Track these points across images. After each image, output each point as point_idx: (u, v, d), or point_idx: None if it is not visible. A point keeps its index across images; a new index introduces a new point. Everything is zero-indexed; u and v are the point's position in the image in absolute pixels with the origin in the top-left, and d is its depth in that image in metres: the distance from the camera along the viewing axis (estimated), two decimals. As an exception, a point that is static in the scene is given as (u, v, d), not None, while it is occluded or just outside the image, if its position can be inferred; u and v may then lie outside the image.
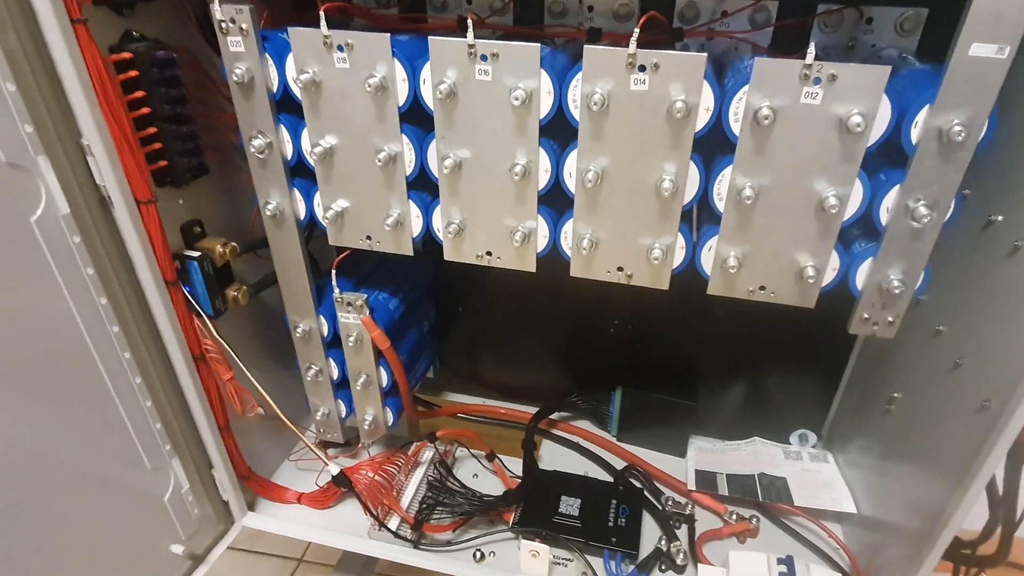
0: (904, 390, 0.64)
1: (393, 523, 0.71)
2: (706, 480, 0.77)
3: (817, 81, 0.44)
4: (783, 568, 0.63)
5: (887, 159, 0.47)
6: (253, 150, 0.56)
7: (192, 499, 0.68)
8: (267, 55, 0.53)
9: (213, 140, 0.61)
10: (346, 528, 0.74)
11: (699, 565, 0.67)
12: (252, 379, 0.65)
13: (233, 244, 0.62)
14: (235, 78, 0.53)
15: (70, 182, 0.49)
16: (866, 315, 0.52)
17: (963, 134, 0.42)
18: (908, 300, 0.50)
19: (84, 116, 0.48)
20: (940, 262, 0.50)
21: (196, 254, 0.59)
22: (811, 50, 0.43)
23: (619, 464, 0.82)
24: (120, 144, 0.50)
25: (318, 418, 0.75)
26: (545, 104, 0.49)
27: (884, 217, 0.48)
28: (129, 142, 0.50)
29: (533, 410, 0.87)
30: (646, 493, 0.76)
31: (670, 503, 0.75)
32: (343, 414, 0.75)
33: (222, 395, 0.65)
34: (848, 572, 0.68)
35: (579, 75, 0.48)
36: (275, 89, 0.54)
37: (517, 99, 0.48)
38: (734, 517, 0.73)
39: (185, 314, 0.60)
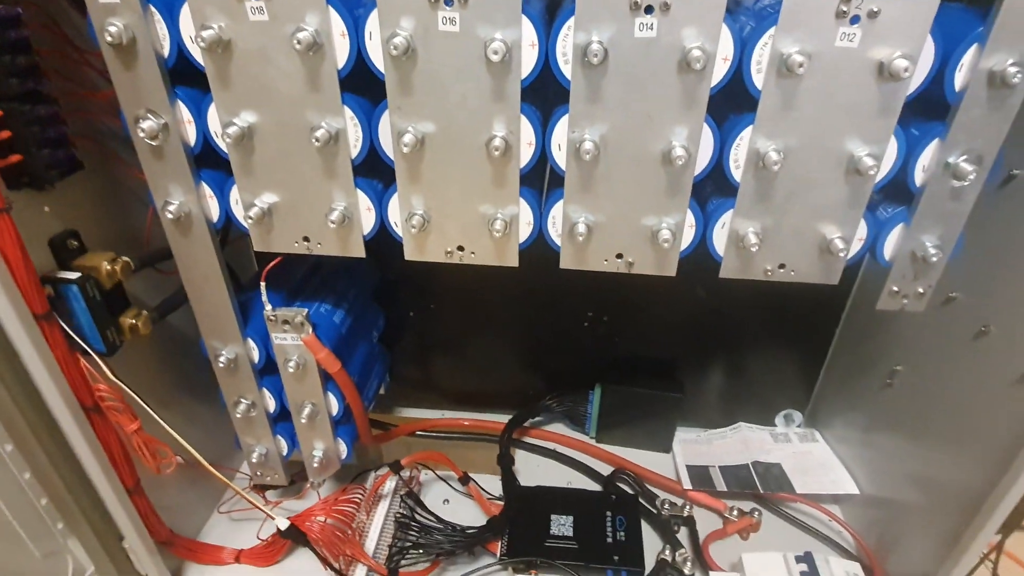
0: (908, 363, 0.60)
1: (359, 574, 0.59)
2: (700, 476, 0.71)
3: (855, 20, 0.37)
4: (804, 567, 0.58)
5: (918, 110, 0.41)
6: (142, 135, 0.43)
7: (101, 583, 0.53)
8: (150, 6, 0.39)
9: (85, 127, 0.47)
10: (300, 586, 0.62)
11: (710, 573, 0.61)
12: (167, 426, 0.51)
13: (125, 259, 0.48)
14: (109, 38, 0.39)
15: None
16: (896, 288, 0.46)
17: (1020, 74, 0.37)
18: (942, 268, 0.45)
19: None
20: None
21: (74, 276, 0.45)
22: (852, -19, 0.36)
23: (602, 468, 0.74)
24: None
25: (254, 460, 0.62)
26: (528, 60, 0.40)
27: (920, 177, 0.42)
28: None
29: (502, 419, 0.78)
30: (640, 499, 0.69)
31: (666, 506, 0.68)
32: (284, 451, 0.63)
33: (126, 449, 0.52)
34: (856, 555, 0.64)
35: (571, 21, 0.38)
36: (167, 52, 0.41)
37: (495, 52, 0.38)
38: (735, 513, 0.68)
39: (66, 354, 0.45)
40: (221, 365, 0.55)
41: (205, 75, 0.42)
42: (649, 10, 0.37)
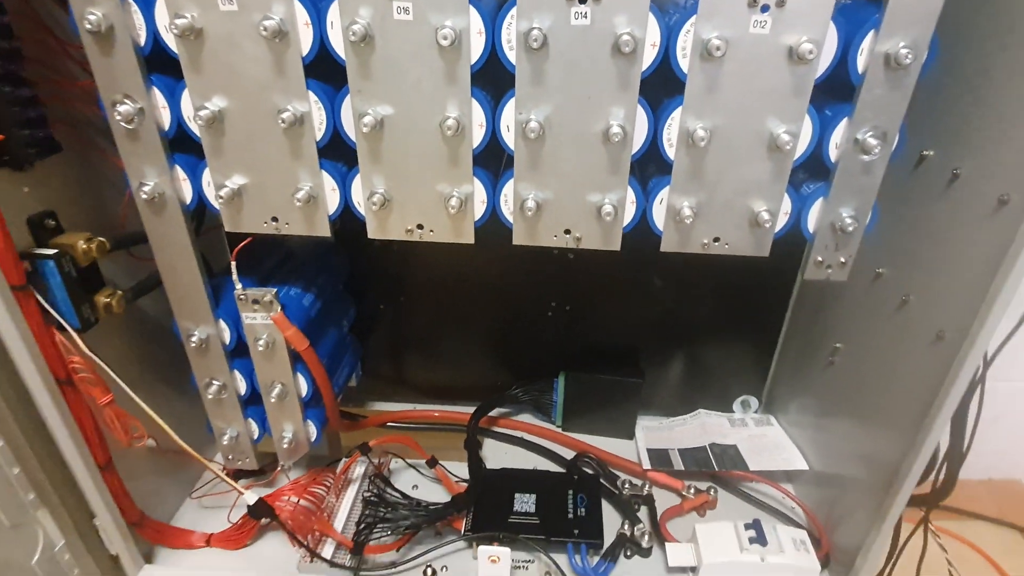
0: (846, 340, 0.64)
1: (327, 551, 0.61)
2: (660, 458, 0.74)
3: (766, 8, 0.41)
4: (751, 533, 0.61)
5: (831, 94, 0.46)
6: (119, 119, 0.46)
7: (69, 557, 0.55)
8: (129, -2, 0.43)
9: (64, 113, 0.50)
10: (270, 567, 0.63)
11: (666, 544, 0.63)
12: (139, 400, 0.53)
13: (100, 239, 0.51)
14: (88, 26, 0.42)
15: None
16: (820, 258, 0.50)
17: (910, 56, 0.41)
18: (860, 238, 0.49)
19: None
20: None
21: (51, 252, 0.48)
22: (759, -28, 0.40)
23: (568, 455, 0.77)
24: (-71, 106, 0.38)
25: (225, 443, 0.63)
26: (476, 46, 0.44)
27: (834, 153, 0.46)
28: (-58, 104, 0.39)
29: (470, 410, 0.80)
30: (602, 479, 0.71)
31: (627, 486, 0.71)
32: (255, 435, 0.65)
33: (98, 425, 0.53)
34: (808, 529, 0.67)
35: (513, 10, 0.42)
36: (143, 41, 0.44)
37: (445, 38, 0.42)
38: (692, 491, 0.71)
39: (41, 327, 0.48)
40: (193, 345, 0.57)
41: (178, 62, 0.45)
42: (582, 0, 0.42)
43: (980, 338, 0.45)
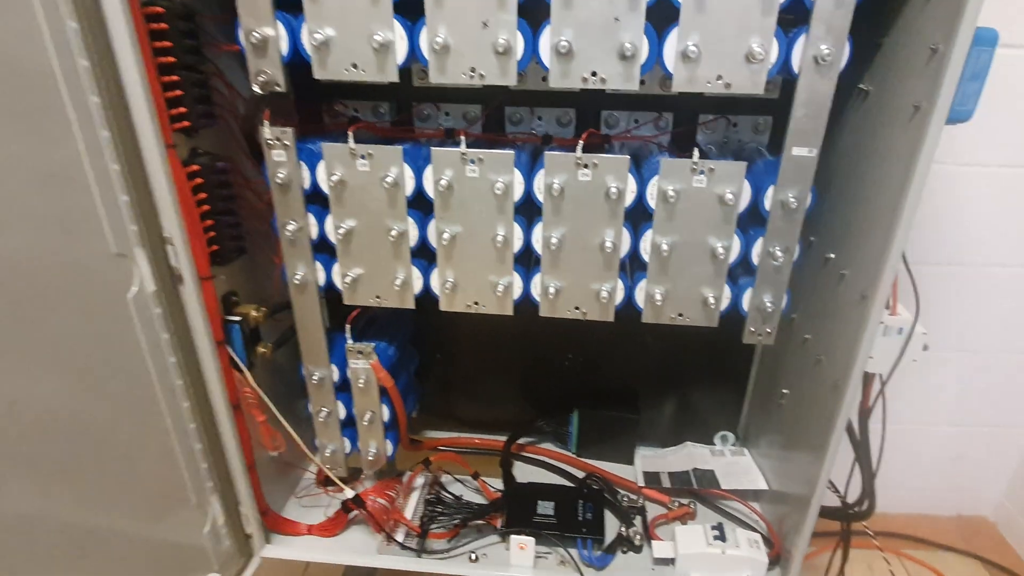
0: (789, 386, 0.86)
1: (399, 536, 0.83)
2: (652, 478, 0.95)
3: (702, 172, 0.65)
4: (716, 532, 0.81)
5: (753, 220, 0.69)
6: (287, 234, 0.71)
7: (225, 532, 0.78)
8: (302, 162, 0.69)
9: (248, 229, 0.76)
10: (356, 550, 0.85)
11: (652, 542, 0.84)
12: (282, 420, 0.77)
13: (264, 308, 0.76)
14: (278, 181, 0.68)
15: (155, 265, 0.62)
16: (752, 328, 0.73)
17: (795, 203, 0.65)
18: (778, 316, 0.71)
19: (168, 215, 0.62)
20: (804, 290, 0.72)
21: (237, 318, 0.73)
22: (696, 154, 0.64)
23: (580, 474, 0.98)
24: (192, 234, 0.64)
25: (327, 455, 0.87)
26: (518, 192, 0.68)
27: (756, 259, 0.69)
28: (198, 233, 0.65)
29: (504, 438, 1.03)
30: (605, 493, 0.92)
31: (625, 499, 0.92)
32: (347, 450, 0.88)
33: (250, 437, 0.77)
34: (765, 535, 0.87)
35: (542, 172, 0.67)
36: (307, 187, 0.70)
37: (498, 190, 0.67)
38: (676, 504, 0.91)
39: (228, 369, 0.72)
40: (314, 382, 0.81)
41: (326, 198, 0.70)
42: (586, 166, 0.66)
43: (852, 385, 0.67)
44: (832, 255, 0.73)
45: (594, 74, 0.61)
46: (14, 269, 0.49)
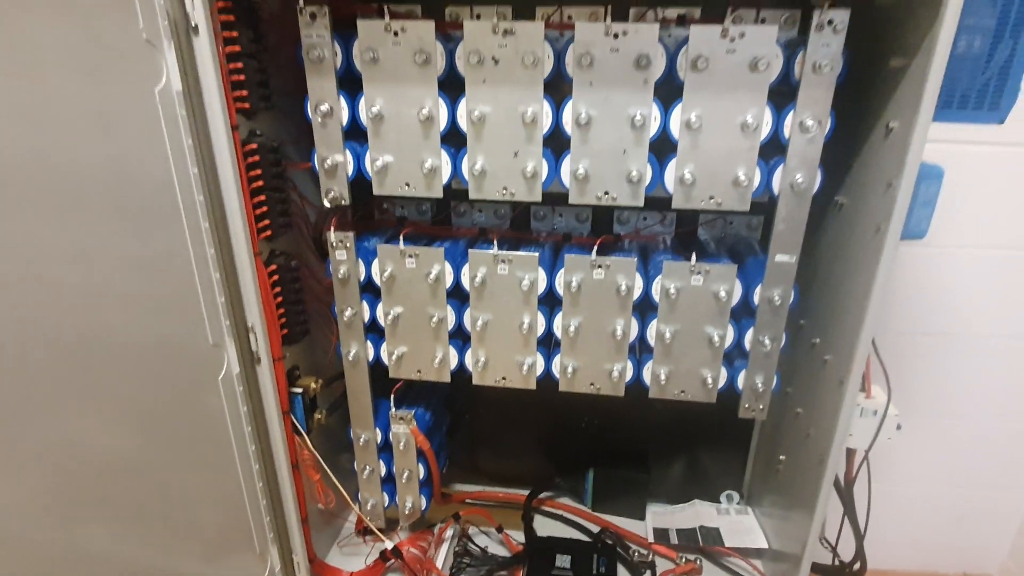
0: (786, 453, 0.95)
1: (433, 585, 0.93)
2: (662, 534, 1.04)
3: (699, 272, 0.77)
4: (719, 589, 0.89)
5: (746, 312, 0.80)
6: (345, 319, 0.84)
7: (280, 578, 0.88)
8: (359, 259, 0.82)
9: (310, 312, 0.89)
10: (392, 596, 0.95)
11: (661, 596, 0.92)
12: (334, 479, 0.88)
13: (320, 380, 0.88)
14: (339, 276, 0.81)
15: (239, 350, 0.74)
16: (747, 405, 0.83)
17: (779, 300, 0.75)
18: (769, 395, 0.81)
19: (252, 309, 0.75)
20: (798, 367, 0.83)
21: (299, 390, 0.85)
22: (693, 258, 0.76)
23: (595, 529, 1.07)
24: (269, 323, 0.77)
25: (368, 508, 0.97)
26: (541, 287, 0.80)
27: (748, 345, 0.80)
28: (274, 321, 0.77)
29: (526, 493, 1.12)
30: (618, 548, 1.01)
31: (636, 554, 1.00)
32: (386, 503, 0.98)
33: (304, 493, 0.88)
34: (766, 592, 0.94)
35: (562, 271, 0.79)
36: (362, 279, 0.83)
37: (524, 286, 0.79)
38: (683, 560, 0.99)
39: (291, 434, 0.84)
40: (361, 444, 0.93)
41: (378, 289, 0.83)
42: (599, 266, 0.78)
43: (833, 459, 0.76)
44: (817, 340, 0.84)
45: (606, 193, 0.74)
46: (141, 355, 0.61)
